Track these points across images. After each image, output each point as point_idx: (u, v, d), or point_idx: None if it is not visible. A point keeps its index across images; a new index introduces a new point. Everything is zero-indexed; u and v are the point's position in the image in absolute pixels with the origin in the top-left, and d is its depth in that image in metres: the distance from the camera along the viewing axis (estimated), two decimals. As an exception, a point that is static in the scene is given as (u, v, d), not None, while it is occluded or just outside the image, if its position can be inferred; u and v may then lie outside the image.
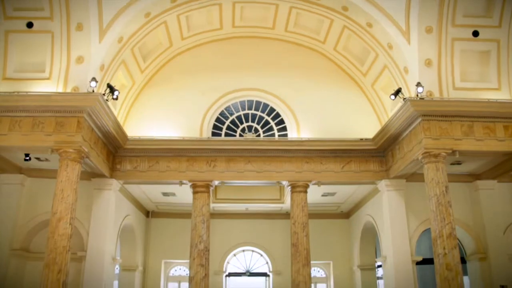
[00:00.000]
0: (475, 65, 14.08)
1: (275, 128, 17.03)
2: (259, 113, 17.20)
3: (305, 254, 14.87)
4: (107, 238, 14.70)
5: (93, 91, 12.88)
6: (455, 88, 13.91)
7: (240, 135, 16.91)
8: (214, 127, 16.91)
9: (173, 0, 14.55)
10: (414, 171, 14.75)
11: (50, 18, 13.14)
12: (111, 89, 13.51)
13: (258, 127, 17.11)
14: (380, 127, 15.25)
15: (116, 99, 13.82)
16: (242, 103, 17.25)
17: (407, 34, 13.73)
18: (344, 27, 15.65)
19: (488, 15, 13.61)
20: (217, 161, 15.62)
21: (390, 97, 14.23)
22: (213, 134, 16.80)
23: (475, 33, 13.70)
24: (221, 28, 16.91)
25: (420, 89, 13.19)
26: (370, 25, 14.59)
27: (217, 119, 17.01)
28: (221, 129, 16.96)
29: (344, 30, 15.79)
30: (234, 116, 17.16)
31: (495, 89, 14.02)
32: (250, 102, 17.27)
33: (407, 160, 13.95)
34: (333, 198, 18.53)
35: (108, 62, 14.14)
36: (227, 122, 17.06)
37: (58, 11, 13.03)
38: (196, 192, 15.48)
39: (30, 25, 13.19)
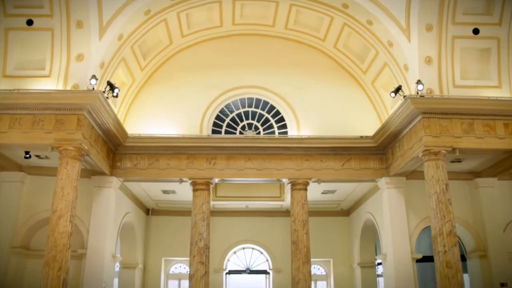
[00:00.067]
0: (475, 63, 14.06)
1: (275, 126, 17.03)
2: (259, 111, 17.20)
3: (305, 252, 14.89)
4: (107, 236, 14.71)
5: (93, 89, 12.88)
6: (455, 86, 13.89)
7: (240, 133, 16.90)
8: (214, 125, 16.91)
9: (173, -2, 14.58)
10: (414, 169, 14.76)
11: (50, 16, 13.11)
12: (111, 87, 13.49)
13: (258, 125, 17.11)
14: (380, 125, 15.24)
15: (116, 97, 13.81)
16: (242, 101, 17.24)
17: (407, 32, 13.71)
18: (344, 25, 15.63)
19: (489, 13, 13.57)
20: (217, 159, 15.62)
21: (390, 95, 14.21)
22: (213, 132, 16.79)
23: (475, 31, 13.68)
24: (221, 26, 16.89)
25: (420, 87, 13.18)
26: (371, 23, 14.57)
27: (217, 117, 17.00)
28: (221, 127, 16.96)
29: (344, 28, 15.77)
30: (234, 114, 17.15)
31: (496, 87, 14.00)
32: (250, 100, 17.26)
33: (407, 158, 13.95)
34: (333, 196, 18.53)
35: (108, 60, 14.12)
36: (227, 120, 17.06)
37: (58, 9, 13.00)
38: (196, 190, 15.48)
39: (30, 23, 13.16)
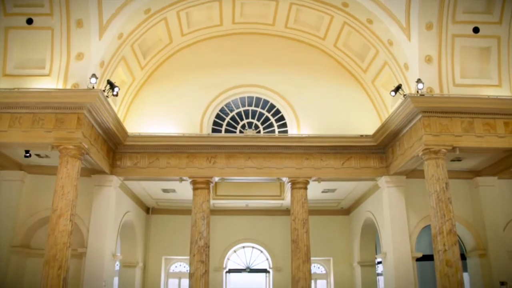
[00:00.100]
0: (476, 62, 14.05)
1: (275, 125, 17.03)
2: (259, 110, 17.20)
3: (305, 251, 14.89)
4: (107, 235, 14.72)
5: (93, 88, 12.87)
6: (456, 85, 13.88)
7: (240, 132, 16.90)
8: (214, 124, 16.91)
9: (173, -4, 14.57)
10: (414, 168, 14.76)
11: (50, 15, 13.10)
12: (111, 86, 13.49)
13: (258, 124, 17.11)
14: (380, 124, 15.24)
15: (116, 96, 13.81)
16: (242, 100, 17.24)
17: (408, 31, 13.70)
18: (344, 24, 15.62)
19: (489, 12, 13.56)
20: (217, 158, 15.62)
21: (391, 94, 14.19)
22: (213, 131, 16.79)
23: (476, 30, 13.67)
24: (221, 25, 16.88)
25: (421, 86, 13.17)
26: (371, 22, 14.56)
27: (217, 116, 17.00)
28: (221, 126, 16.96)
29: (344, 27, 15.76)
30: (234, 113, 17.15)
31: (496, 86, 13.99)
32: (250, 99, 17.26)
33: (407, 157, 13.95)
34: (333, 195, 18.54)
35: (108, 59, 14.12)
36: (227, 119, 17.06)
37: (58, 8, 12.99)
38: (196, 189, 15.49)
39: (30, 22, 13.16)
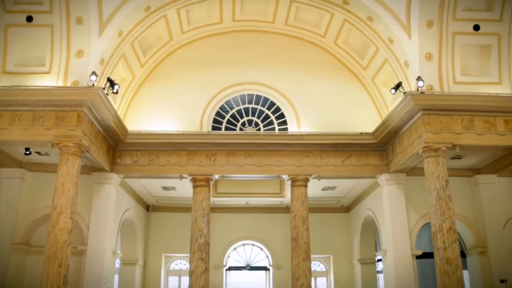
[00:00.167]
0: (476, 59, 14.04)
1: (275, 122, 17.02)
2: (259, 107, 17.19)
3: (305, 248, 14.91)
4: (108, 232, 14.74)
5: (93, 85, 12.86)
6: (456, 82, 13.88)
7: (241, 129, 16.90)
8: (214, 121, 16.90)
9: (173, -6, 14.56)
10: (414, 165, 14.76)
11: (50, 12, 13.08)
12: (111, 83, 13.49)
13: (259, 121, 17.11)
14: (381, 121, 15.24)
15: (116, 93, 13.81)
16: (242, 97, 17.23)
17: (408, 28, 13.69)
18: (345, 21, 15.61)
19: (489, 9, 13.54)
20: (217, 155, 15.62)
21: (391, 91, 14.20)
22: (213, 128, 16.79)
23: (476, 27, 13.65)
24: (221, 22, 16.86)
25: (421, 83, 13.18)
26: (371, 19, 14.55)
27: (217, 113, 17.00)
28: (221, 123, 16.96)
29: (345, 24, 15.75)
30: (234, 110, 17.14)
31: (496, 83, 13.98)
32: (250, 96, 17.25)
33: (407, 154, 13.95)
34: (333, 192, 18.55)
35: (108, 56, 14.10)
36: (227, 116, 17.05)
37: (58, 5, 12.97)
38: (196, 186, 15.50)
39: (30, 19, 13.13)
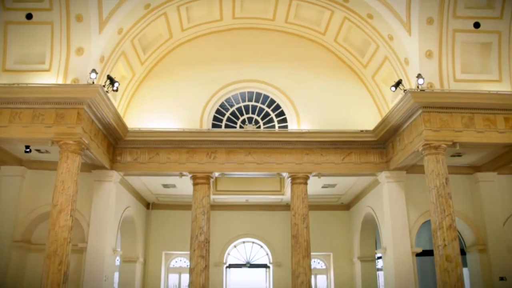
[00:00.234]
0: (476, 57, 14.03)
1: (275, 120, 17.02)
2: (259, 105, 17.18)
3: (305, 246, 14.91)
4: (108, 230, 14.75)
5: (93, 83, 12.86)
6: (456, 80, 13.87)
7: (241, 127, 16.90)
8: (214, 119, 16.90)
9: (173, -9, 14.54)
10: (415, 163, 14.76)
11: (50, 9, 13.06)
12: (111, 81, 13.47)
13: (259, 119, 17.10)
14: (381, 119, 15.23)
15: (116, 91, 13.80)
16: (242, 95, 17.23)
17: (408, 26, 13.67)
18: (345, 19, 15.59)
19: (490, 7, 13.52)
20: (217, 153, 15.62)
21: (391, 89, 14.19)
22: (213, 126, 16.78)
23: (476, 25, 13.63)
24: (221, 20, 16.83)
25: (421, 81, 13.16)
26: (371, 17, 14.53)
27: (217, 111, 16.99)
28: (221, 121, 16.95)
29: (345, 22, 15.73)
30: (234, 108, 17.14)
31: (496, 81, 13.97)
32: (250, 94, 17.25)
33: (408, 152, 13.95)
34: (333, 190, 18.55)
35: (108, 54, 14.09)
36: (227, 114, 17.05)
37: (58, 3, 12.94)
38: (196, 184, 15.50)
39: (30, 17, 13.12)
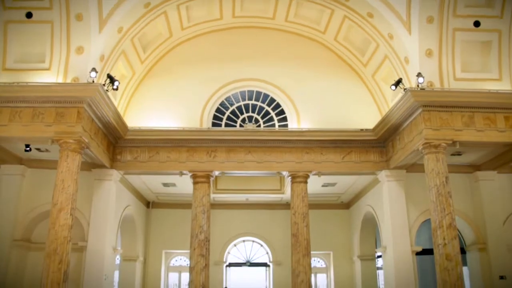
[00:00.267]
0: (476, 56, 14.02)
1: (275, 119, 17.02)
2: (259, 104, 17.18)
3: (305, 245, 14.92)
4: (108, 229, 14.76)
5: (93, 82, 12.85)
6: (456, 79, 13.86)
7: (241, 126, 16.90)
8: (214, 118, 16.90)
9: (173, -10, 14.53)
10: (415, 162, 14.76)
11: (50, 8, 13.06)
12: (111, 80, 13.47)
13: (259, 118, 17.10)
14: (381, 118, 15.23)
15: (116, 90, 13.79)
16: (243, 94, 17.22)
17: (408, 24, 13.67)
18: (345, 17, 15.58)
19: (490, 5, 13.51)
20: (218, 152, 15.62)
21: (391, 88, 14.18)
22: (213, 125, 16.78)
23: (477, 23, 13.62)
24: (221, 18, 16.82)
25: (421, 80, 13.16)
26: (371, 15, 14.52)
27: (217, 110, 16.99)
28: (221, 120, 16.95)
29: (345, 20, 15.72)
30: (235, 107, 17.14)
31: (496, 80, 13.96)
32: (251, 93, 17.24)
33: (408, 151, 13.95)
34: (334, 189, 18.56)
35: (108, 53, 14.09)
36: (227, 113, 17.05)
37: (58, 1, 12.94)
38: (197, 183, 15.50)
39: (30, 16, 13.12)
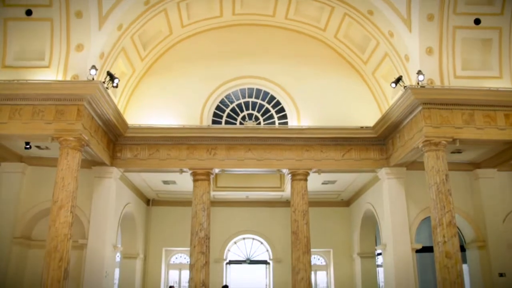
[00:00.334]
0: (477, 53, 14.01)
1: (276, 116, 17.01)
2: (259, 101, 17.17)
3: (305, 242, 14.93)
4: (108, 226, 14.77)
5: (93, 79, 12.83)
6: (456, 77, 13.86)
7: (241, 123, 16.89)
8: (214, 115, 16.89)
9: (173, -13, 14.51)
10: (415, 159, 14.76)
11: (49, 6, 13.03)
12: (111, 77, 13.47)
13: (259, 115, 17.09)
14: (381, 115, 15.22)
15: (116, 87, 13.79)
16: (243, 91, 17.21)
17: (408, 22, 13.65)
18: (345, 15, 15.55)
19: (490, 3, 13.50)
20: (218, 149, 15.62)
21: (391, 85, 14.18)
22: (214, 122, 16.78)
23: (477, 21, 13.61)
24: (221, 16, 16.80)
25: (421, 77, 13.15)
26: (371, 13, 14.50)
27: (217, 107, 16.98)
28: (222, 117, 16.94)
29: (345, 18, 15.70)
30: (235, 104, 17.12)
31: (497, 77, 13.96)
32: (251, 90, 17.22)
33: (408, 148, 13.95)
34: (334, 186, 18.57)
35: (108, 50, 14.07)
36: (228, 110, 17.03)
37: (58, -2, 12.97)
38: (197, 180, 15.51)
39: (29, 13, 13.09)
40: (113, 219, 15.28)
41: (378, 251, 18.33)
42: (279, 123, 16.87)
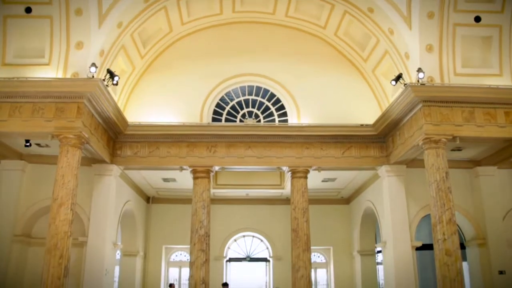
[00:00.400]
0: (477, 51, 13.99)
1: (276, 114, 17.01)
2: (260, 99, 17.16)
3: (305, 240, 14.94)
4: (108, 224, 14.78)
5: (93, 77, 12.83)
6: (456, 74, 13.84)
7: (241, 121, 16.89)
8: (215, 113, 16.88)
9: (173, -15, 14.48)
10: (415, 157, 14.76)
11: (49, 3, 13.00)
12: (111, 75, 13.46)
13: (259, 113, 17.09)
14: (381, 113, 15.21)
15: (116, 85, 13.79)
16: (243, 89, 17.20)
17: (408, 20, 13.62)
18: (345, 12, 15.53)
19: (490, 0, 13.45)
20: (218, 147, 15.62)
21: (391, 83, 14.18)
22: (213, 120, 16.77)
23: (477, 19, 13.59)
24: (221, 13, 16.77)
25: (421, 75, 13.14)
26: (371, 10, 14.48)
27: (217, 105, 16.97)
28: (222, 115, 16.94)
29: (345, 15, 15.67)
30: (235, 102, 17.12)
31: (497, 75, 13.95)
32: (251, 88, 17.22)
33: (408, 146, 13.95)
34: (334, 184, 18.57)
35: (108, 48, 14.06)
36: (228, 108, 17.03)
37: (57, -4, 12.94)
38: (197, 178, 15.51)
39: (29, 10, 13.07)
40: (113, 217, 15.29)
41: (378, 249, 18.34)
42: (279, 121, 16.86)
